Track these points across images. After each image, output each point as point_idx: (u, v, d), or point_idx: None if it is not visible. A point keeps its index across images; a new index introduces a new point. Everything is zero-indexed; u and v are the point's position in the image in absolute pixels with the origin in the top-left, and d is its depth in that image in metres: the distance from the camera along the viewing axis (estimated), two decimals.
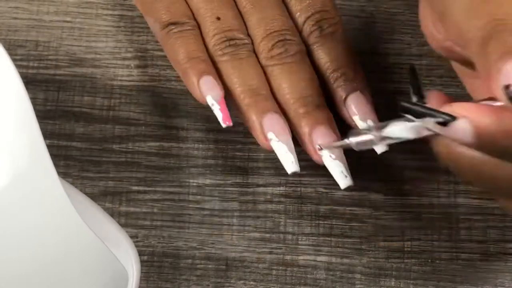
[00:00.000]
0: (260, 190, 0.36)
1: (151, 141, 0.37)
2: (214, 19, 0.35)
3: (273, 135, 0.34)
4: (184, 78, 0.36)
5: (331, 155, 0.34)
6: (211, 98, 0.35)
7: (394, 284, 0.35)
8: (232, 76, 0.35)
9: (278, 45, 0.35)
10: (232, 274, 0.35)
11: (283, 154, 0.34)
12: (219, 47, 0.35)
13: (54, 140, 0.37)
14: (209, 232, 0.36)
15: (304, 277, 0.35)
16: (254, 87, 0.35)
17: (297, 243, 0.36)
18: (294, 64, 0.35)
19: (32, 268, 0.27)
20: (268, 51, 0.35)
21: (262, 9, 0.35)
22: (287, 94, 0.35)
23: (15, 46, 0.38)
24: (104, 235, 0.32)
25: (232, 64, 0.35)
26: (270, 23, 0.35)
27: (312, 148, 0.34)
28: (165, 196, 0.36)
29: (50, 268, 0.28)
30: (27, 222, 0.26)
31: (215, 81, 0.35)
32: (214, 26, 0.35)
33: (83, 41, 0.38)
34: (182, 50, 0.35)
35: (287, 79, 0.35)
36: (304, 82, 0.35)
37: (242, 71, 0.35)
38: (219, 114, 0.34)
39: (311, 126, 0.34)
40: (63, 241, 0.27)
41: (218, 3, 0.36)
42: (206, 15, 0.36)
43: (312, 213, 0.36)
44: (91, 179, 0.36)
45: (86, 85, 0.38)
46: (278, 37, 0.35)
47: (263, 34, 0.35)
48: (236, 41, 0.35)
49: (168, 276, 0.35)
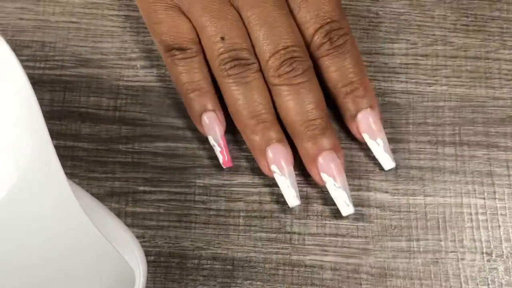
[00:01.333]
0: (266, 190, 0.36)
1: (157, 141, 0.37)
2: (218, 39, 0.34)
3: (276, 168, 0.34)
4: (187, 108, 0.36)
5: (335, 183, 0.34)
6: (211, 139, 0.35)
7: (401, 284, 0.35)
8: (237, 100, 0.35)
9: (286, 64, 0.34)
10: (239, 274, 0.35)
11: (285, 188, 0.35)
12: (224, 68, 0.34)
13: (61, 140, 0.37)
14: (215, 232, 0.36)
15: (311, 277, 0.35)
16: (258, 113, 0.35)
17: (303, 243, 0.36)
18: (302, 84, 0.34)
19: (40, 268, 0.27)
20: (275, 70, 0.34)
21: (270, 24, 0.34)
22: (294, 115, 0.34)
23: (21, 46, 0.38)
24: (111, 235, 0.32)
25: (237, 87, 0.35)
26: (278, 40, 0.34)
27: (316, 172, 0.35)
28: (171, 197, 0.36)
29: (57, 268, 0.28)
30: (34, 222, 0.26)
31: (217, 118, 0.35)
32: (218, 46, 0.35)
33: (89, 42, 0.38)
34: (186, 78, 0.35)
35: (294, 100, 0.34)
36: (311, 105, 0.34)
37: (247, 95, 0.35)
38: (220, 156, 0.35)
39: (316, 151, 0.34)
40: (70, 241, 0.27)
41: (223, 22, 0.35)
42: (210, 35, 0.35)
43: (318, 213, 0.36)
44: (97, 179, 0.36)
45: (92, 85, 0.38)
46: (285, 55, 0.34)
47: (270, 51, 0.34)
48: (241, 61, 0.34)
49: (175, 276, 0.35)
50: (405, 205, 0.36)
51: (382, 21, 0.39)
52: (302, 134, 0.35)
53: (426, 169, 0.37)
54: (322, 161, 0.34)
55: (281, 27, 0.34)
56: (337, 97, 0.35)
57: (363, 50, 0.38)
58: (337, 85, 0.35)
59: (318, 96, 0.35)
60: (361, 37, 0.38)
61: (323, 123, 0.35)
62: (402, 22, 0.39)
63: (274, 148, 0.35)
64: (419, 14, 0.39)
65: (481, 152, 0.37)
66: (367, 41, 0.38)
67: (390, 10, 0.39)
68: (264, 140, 0.35)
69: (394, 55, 0.38)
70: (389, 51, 0.38)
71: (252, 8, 0.35)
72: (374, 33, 0.39)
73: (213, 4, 0.35)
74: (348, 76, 0.35)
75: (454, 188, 0.36)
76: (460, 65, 0.38)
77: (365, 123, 0.35)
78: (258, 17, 0.35)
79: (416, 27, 0.39)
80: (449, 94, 0.38)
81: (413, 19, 0.39)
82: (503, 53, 0.38)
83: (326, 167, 0.34)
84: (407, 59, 0.38)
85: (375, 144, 0.35)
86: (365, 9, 0.39)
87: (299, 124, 0.34)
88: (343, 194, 0.34)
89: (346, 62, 0.35)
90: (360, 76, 0.35)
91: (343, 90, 0.35)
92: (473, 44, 0.39)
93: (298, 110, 0.34)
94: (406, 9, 0.39)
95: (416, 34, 0.39)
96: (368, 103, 0.35)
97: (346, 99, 0.35)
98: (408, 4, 0.39)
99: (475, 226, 0.36)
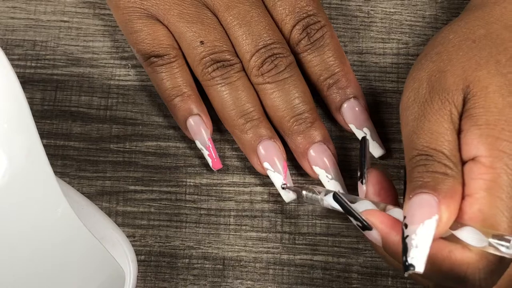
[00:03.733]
0: (257, 190, 0.36)
1: (148, 140, 0.37)
2: (198, 44, 0.35)
3: (269, 165, 0.34)
4: (172, 114, 0.36)
5: (327, 175, 0.34)
6: (199, 143, 0.35)
7: (391, 283, 0.35)
8: (224, 101, 0.35)
9: (268, 61, 0.34)
10: (229, 273, 0.35)
11: (279, 184, 0.35)
12: (207, 71, 0.35)
13: (51, 139, 0.37)
14: (206, 231, 0.36)
15: (301, 276, 0.35)
16: (246, 112, 0.35)
17: (294, 243, 0.36)
18: (286, 80, 0.35)
19: (29, 268, 0.27)
20: (258, 69, 0.34)
21: (247, 23, 0.35)
22: (281, 112, 0.35)
23: (12, 45, 0.38)
24: (101, 234, 0.32)
25: (222, 88, 0.35)
26: (257, 38, 0.34)
27: (308, 165, 0.35)
28: (162, 196, 0.36)
29: (47, 267, 0.28)
30: (24, 222, 0.26)
31: (202, 122, 0.35)
32: (199, 51, 0.35)
33: (80, 41, 0.38)
34: (167, 84, 0.35)
35: (279, 97, 0.35)
36: (297, 99, 0.35)
37: (233, 95, 0.35)
38: (208, 159, 0.35)
39: (307, 145, 0.35)
40: (60, 240, 0.27)
41: (200, 26, 0.35)
42: (189, 40, 0.35)
43: (308, 212, 0.36)
44: (88, 178, 0.36)
45: (83, 84, 0.38)
46: (266, 53, 0.34)
47: (251, 51, 0.34)
48: (224, 63, 0.35)
49: (165, 275, 0.35)
50: None
51: (373, 21, 0.39)
52: (291, 129, 0.35)
53: None
54: (313, 154, 0.34)
55: (259, 26, 0.35)
56: (321, 90, 0.36)
57: (354, 50, 0.38)
58: (319, 78, 0.35)
59: (303, 90, 0.35)
60: (352, 37, 0.38)
61: (310, 116, 0.35)
62: (394, 22, 0.39)
63: (265, 145, 0.35)
64: (411, 14, 0.39)
65: None
66: (358, 40, 0.38)
67: (382, 10, 0.39)
68: (255, 138, 0.35)
69: (386, 54, 0.38)
70: (380, 51, 0.38)
71: (228, 9, 0.35)
72: (365, 33, 0.39)
73: (189, 10, 0.35)
74: (330, 69, 0.35)
75: None
76: None
77: (351, 113, 0.35)
78: (235, 18, 0.35)
79: (408, 27, 0.39)
80: None
81: (404, 19, 0.39)
82: None
83: (318, 159, 0.34)
84: (398, 59, 0.38)
85: (362, 133, 0.35)
86: (356, 8, 0.39)
87: (287, 119, 0.35)
88: (336, 185, 0.34)
89: (326, 55, 0.35)
90: (341, 67, 0.35)
91: (325, 83, 0.35)
92: None
93: (284, 106, 0.34)
94: (397, 9, 0.39)
95: (407, 34, 0.39)
96: (351, 93, 0.35)
97: (329, 91, 0.35)
98: (400, 4, 0.39)
99: None
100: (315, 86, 0.36)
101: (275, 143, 0.35)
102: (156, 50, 0.35)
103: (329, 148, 0.35)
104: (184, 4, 0.35)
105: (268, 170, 0.35)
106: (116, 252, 0.33)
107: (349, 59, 0.38)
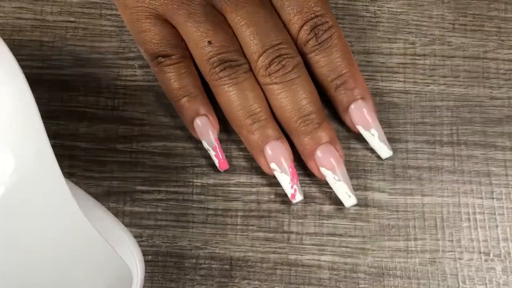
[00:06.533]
0: (264, 190, 0.36)
1: (155, 141, 0.37)
2: (205, 44, 0.34)
3: (276, 166, 0.34)
4: (179, 114, 0.36)
5: (335, 176, 0.34)
6: (206, 144, 0.35)
7: (398, 283, 0.35)
8: (231, 101, 0.35)
9: (275, 62, 0.34)
10: (236, 273, 0.35)
11: (286, 184, 0.35)
12: (214, 71, 0.34)
13: (58, 140, 0.37)
14: (213, 231, 0.36)
15: (308, 276, 0.35)
16: (253, 112, 0.35)
17: (301, 243, 0.36)
18: (293, 81, 0.34)
19: (37, 268, 0.27)
20: (265, 69, 0.34)
21: (255, 23, 0.34)
22: (288, 112, 0.35)
23: (19, 46, 0.38)
24: (108, 235, 0.32)
25: (229, 89, 0.35)
26: (265, 39, 0.34)
27: (315, 166, 0.35)
28: (169, 196, 0.36)
29: (55, 267, 0.28)
30: (32, 222, 0.26)
31: (209, 122, 0.35)
32: (206, 51, 0.34)
33: (87, 41, 0.38)
34: (174, 84, 0.35)
35: (287, 98, 0.34)
36: (304, 100, 0.34)
37: (241, 95, 0.35)
38: (215, 160, 0.36)
39: (314, 146, 0.35)
40: (68, 241, 0.27)
41: (208, 26, 0.35)
42: (197, 40, 0.35)
43: (316, 212, 0.36)
44: (95, 179, 0.36)
45: (90, 85, 0.38)
46: (274, 54, 0.34)
47: (259, 51, 0.34)
48: (231, 63, 0.34)
49: (173, 275, 0.35)
50: (403, 205, 0.36)
51: (380, 20, 0.39)
52: (298, 130, 0.35)
53: (424, 168, 0.37)
54: (320, 155, 0.34)
55: (266, 26, 0.34)
56: (329, 91, 0.36)
57: (361, 50, 0.38)
58: (327, 79, 0.35)
59: (310, 91, 0.35)
60: (359, 37, 0.38)
61: (317, 117, 0.35)
62: (400, 22, 0.39)
63: (272, 145, 0.35)
64: (417, 14, 0.39)
65: (478, 151, 0.37)
66: (365, 40, 0.38)
67: (388, 9, 0.39)
68: (262, 139, 0.35)
69: (392, 54, 0.38)
70: (387, 51, 0.38)
71: (236, 10, 0.35)
72: (372, 32, 0.39)
73: (197, 10, 0.35)
74: (337, 70, 0.35)
75: (451, 188, 0.36)
76: (458, 64, 0.38)
77: (358, 115, 0.35)
78: (243, 18, 0.35)
79: (414, 26, 0.39)
80: (447, 94, 0.38)
81: (411, 18, 0.39)
82: (501, 52, 0.38)
83: (325, 160, 0.34)
84: (405, 58, 0.38)
85: (369, 134, 0.35)
86: (363, 8, 0.39)
87: (294, 120, 0.34)
88: (344, 186, 0.34)
89: (334, 56, 0.35)
90: (349, 68, 0.35)
91: (333, 84, 0.35)
92: (471, 44, 0.39)
93: (292, 107, 0.34)
94: (404, 9, 0.39)
95: (414, 33, 0.39)
96: (359, 94, 0.35)
97: (337, 92, 0.35)
98: (406, 4, 0.39)
99: (473, 225, 0.36)
100: (323, 87, 0.36)
101: (282, 144, 0.35)
102: (164, 50, 0.35)
103: (336, 149, 0.35)
104: (192, 4, 0.35)
105: (275, 171, 0.35)
106: (123, 252, 0.33)
107: (356, 59, 0.37)
